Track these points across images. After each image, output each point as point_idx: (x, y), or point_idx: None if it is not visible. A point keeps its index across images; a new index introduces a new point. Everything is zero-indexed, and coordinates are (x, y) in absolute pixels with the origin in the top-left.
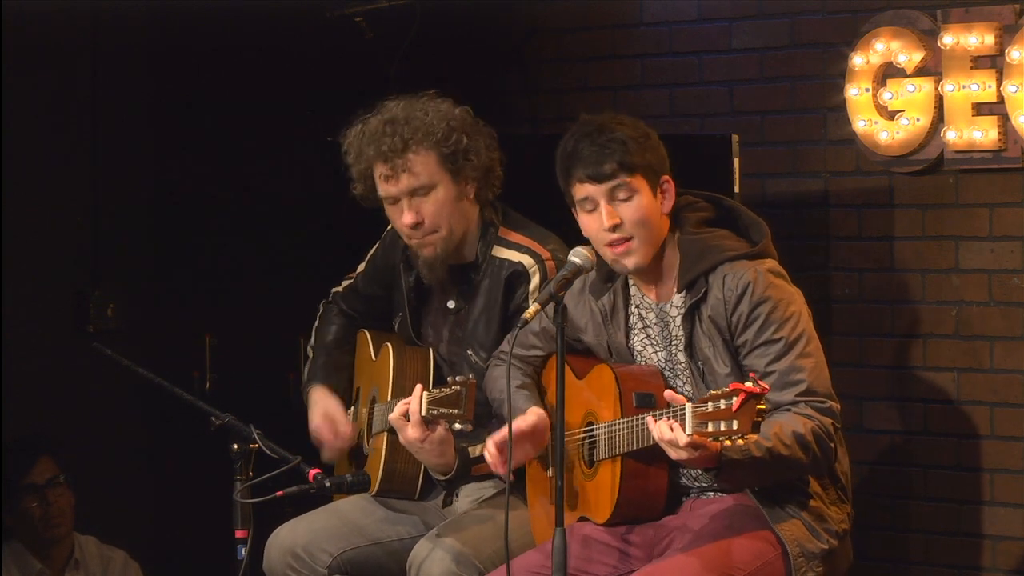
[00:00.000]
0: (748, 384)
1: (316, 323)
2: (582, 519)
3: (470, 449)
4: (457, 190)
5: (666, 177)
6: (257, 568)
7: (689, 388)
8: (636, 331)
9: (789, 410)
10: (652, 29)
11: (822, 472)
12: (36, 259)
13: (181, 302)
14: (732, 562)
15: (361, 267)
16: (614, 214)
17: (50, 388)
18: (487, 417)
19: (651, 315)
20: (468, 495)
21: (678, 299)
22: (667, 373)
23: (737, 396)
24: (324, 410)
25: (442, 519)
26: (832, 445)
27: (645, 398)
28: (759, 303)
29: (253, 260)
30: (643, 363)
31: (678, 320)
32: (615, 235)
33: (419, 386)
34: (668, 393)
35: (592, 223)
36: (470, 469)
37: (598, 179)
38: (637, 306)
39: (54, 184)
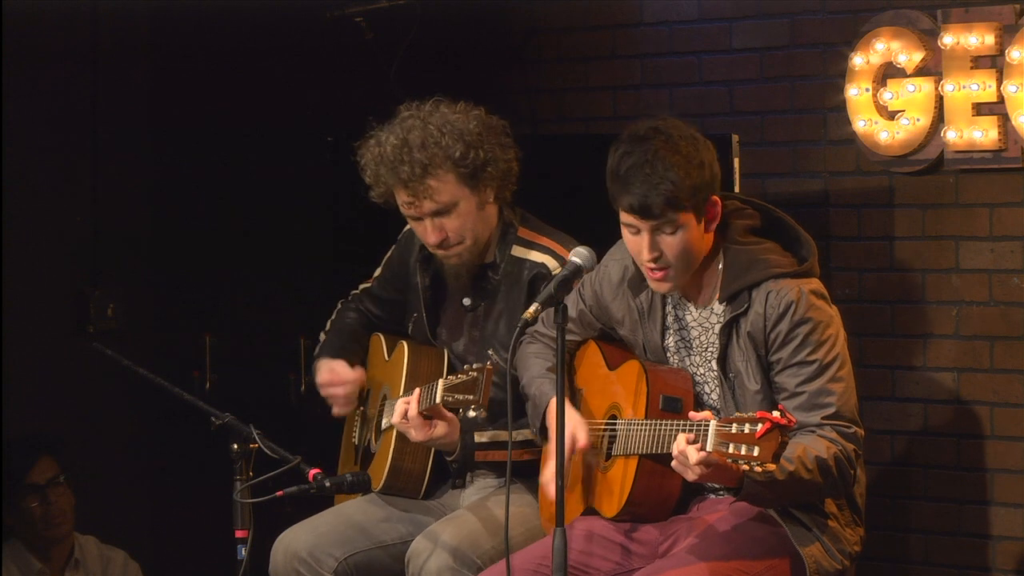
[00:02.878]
0: (775, 414)
1: (332, 316)
2: (590, 510)
3: (476, 434)
4: (478, 200)
5: (714, 198)
6: (257, 568)
7: (715, 397)
8: (671, 332)
9: (814, 432)
10: (652, 29)
11: (839, 495)
12: (36, 259)
13: (181, 302)
14: (738, 564)
15: (378, 271)
16: (656, 246)
17: (50, 388)
18: (502, 413)
19: (687, 318)
20: (470, 492)
21: (719, 308)
22: (696, 379)
23: (762, 424)
24: (330, 367)
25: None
26: (853, 472)
27: (672, 402)
28: (799, 323)
29: (253, 260)
30: (675, 364)
31: (716, 329)
32: (654, 264)
33: (417, 389)
34: (692, 413)
35: (633, 245)
36: (473, 453)
37: (644, 215)
38: (674, 307)
39: (54, 184)
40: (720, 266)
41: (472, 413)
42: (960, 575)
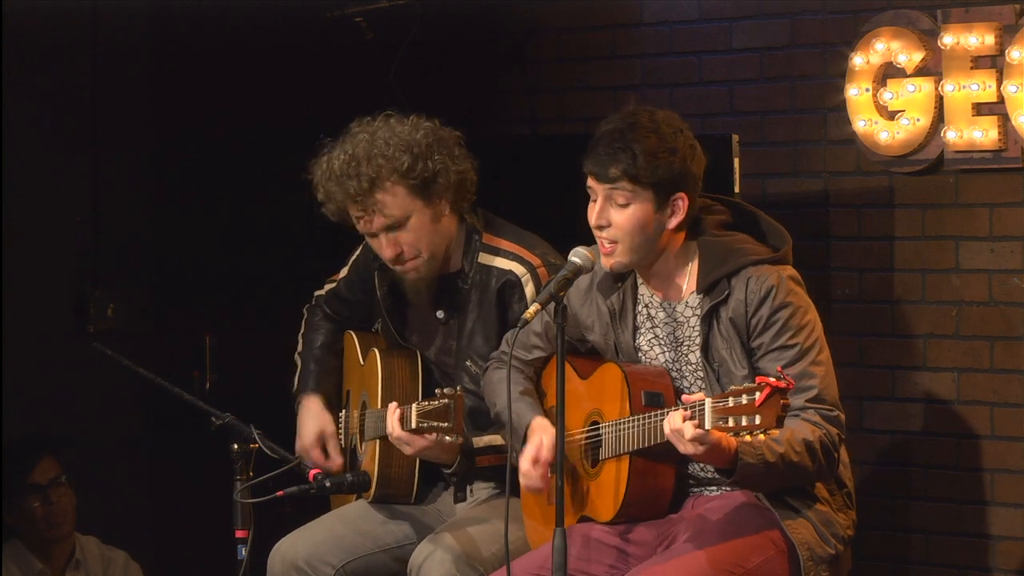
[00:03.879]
0: (773, 378)
1: (302, 329)
2: (584, 519)
3: (474, 440)
4: (432, 212)
5: (681, 194)
6: (257, 568)
7: (697, 389)
8: (643, 331)
9: (798, 415)
10: (652, 29)
11: (825, 480)
12: (36, 259)
13: (181, 302)
14: (735, 558)
15: (344, 271)
16: (603, 215)
17: (50, 388)
18: (487, 421)
19: (660, 315)
20: (469, 496)
21: (694, 300)
22: (674, 374)
23: (762, 390)
24: (319, 429)
25: (441, 522)
26: (836, 455)
27: (654, 397)
28: (779, 308)
29: (253, 260)
30: (649, 363)
31: (692, 321)
32: (600, 233)
33: (392, 405)
34: (685, 396)
35: (590, 211)
36: (474, 460)
37: (599, 179)
38: (646, 305)
39: (54, 184)
40: (695, 260)
41: (448, 439)
42: (960, 575)
